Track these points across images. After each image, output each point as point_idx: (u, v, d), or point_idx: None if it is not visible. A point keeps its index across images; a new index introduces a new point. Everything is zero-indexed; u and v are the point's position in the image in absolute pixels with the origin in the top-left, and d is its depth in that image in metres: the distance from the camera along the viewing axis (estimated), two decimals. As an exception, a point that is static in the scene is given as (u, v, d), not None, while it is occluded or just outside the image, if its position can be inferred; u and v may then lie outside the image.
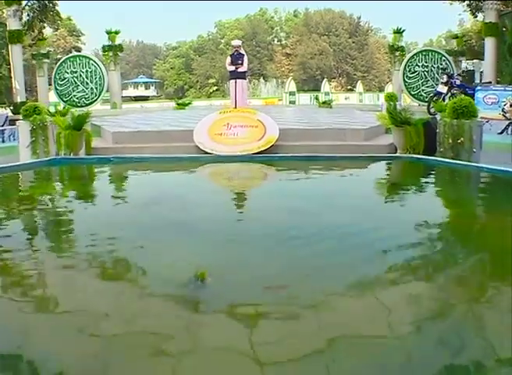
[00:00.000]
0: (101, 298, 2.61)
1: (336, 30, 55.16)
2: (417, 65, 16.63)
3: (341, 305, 2.51)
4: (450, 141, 6.99)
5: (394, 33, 17.95)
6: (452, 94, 12.33)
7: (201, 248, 3.35)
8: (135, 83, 52.38)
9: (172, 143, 8.19)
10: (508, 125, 10.17)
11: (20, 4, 15.72)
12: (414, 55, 16.92)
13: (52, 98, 17.91)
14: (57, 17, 20.17)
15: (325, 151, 7.41)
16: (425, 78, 16.54)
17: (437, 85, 14.14)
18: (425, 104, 13.47)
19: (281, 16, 64.00)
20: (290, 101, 28.09)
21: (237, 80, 11.75)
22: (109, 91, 18.09)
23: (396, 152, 7.74)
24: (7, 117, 12.65)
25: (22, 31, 15.47)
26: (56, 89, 16.75)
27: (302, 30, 56.26)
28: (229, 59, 11.97)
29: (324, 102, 18.47)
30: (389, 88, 25.99)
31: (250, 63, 20.40)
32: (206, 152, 7.81)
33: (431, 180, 6.51)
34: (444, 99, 12.24)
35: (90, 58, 17.27)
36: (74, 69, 16.71)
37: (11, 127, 10.56)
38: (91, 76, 16.76)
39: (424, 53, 16.88)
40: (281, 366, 1.97)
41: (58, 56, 26.66)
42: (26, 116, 7.84)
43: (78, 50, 33.37)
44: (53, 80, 16.78)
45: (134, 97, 45.61)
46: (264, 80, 47.70)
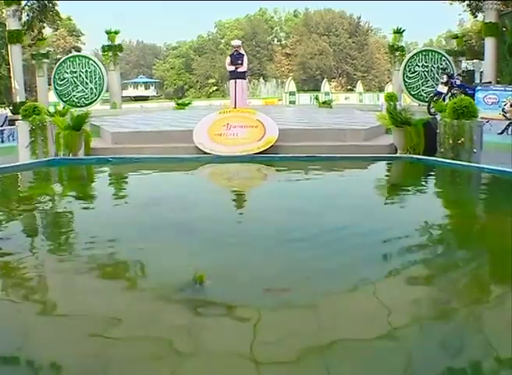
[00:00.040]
0: (99, 300, 2.59)
1: (336, 30, 55.17)
2: (417, 65, 16.62)
3: (341, 305, 2.50)
4: (451, 142, 6.98)
5: (394, 33, 17.96)
6: (452, 94, 12.34)
7: (201, 248, 3.33)
8: (135, 83, 52.38)
9: (171, 143, 8.17)
10: (508, 125, 10.16)
11: (20, 4, 15.71)
12: (414, 55, 16.92)
13: (52, 98, 17.91)
14: (56, 17, 20.21)
15: (325, 151, 7.40)
16: (425, 78, 16.54)
17: (437, 85, 14.15)
18: (425, 104, 13.47)
19: (281, 16, 64.09)
20: (290, 102, 28.09)
21: (237, 80, 11.74)
22: (109, 91, 18.09)
23: (396, 153, 7.73)
24: (6, 117, 12.65)
25: (21, 31, 15.46)
26: (56, 89, 16.74)
27: (302, 30, 56.27)
28: (228, 59, 11.95)
29: (324, 102, 18.49)
30: (389, 88, 25.99)
31: (249, 63, 20.40)
32: (206, 153, 7.80)
33: (431, 181, 6.49)
34: (444, 99, 12.24)
35: (90, 59, 17.27)
36: (74, 69, 16.71)
37: (10, 127, 10.54)
38: (91, 76, 16.76)
39: (424, 53, 16.88)
40: (281, 365, 1.96)
41: (58, 56, 26.67)
42: (25, 116, 7.82)
43: (78, 50, 33.33)
44: (52, 80, 16.78)
45: (134, 97, 45.61)
46: (264, 80, 47.70)
